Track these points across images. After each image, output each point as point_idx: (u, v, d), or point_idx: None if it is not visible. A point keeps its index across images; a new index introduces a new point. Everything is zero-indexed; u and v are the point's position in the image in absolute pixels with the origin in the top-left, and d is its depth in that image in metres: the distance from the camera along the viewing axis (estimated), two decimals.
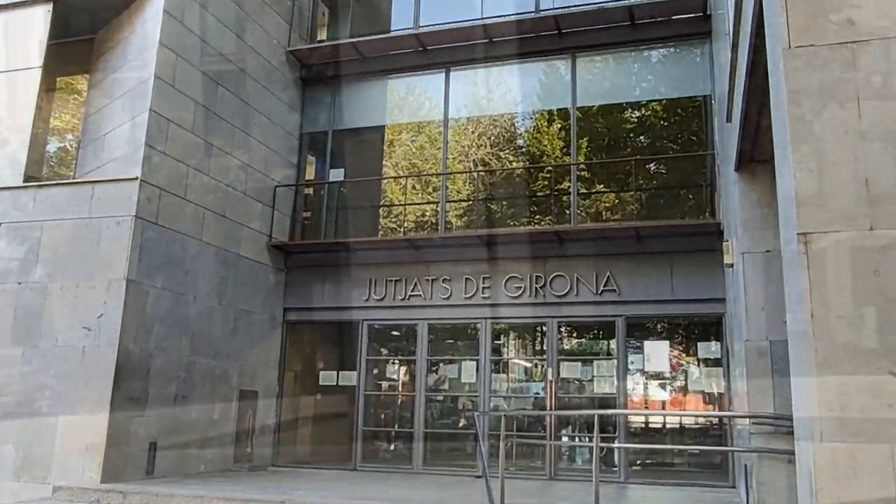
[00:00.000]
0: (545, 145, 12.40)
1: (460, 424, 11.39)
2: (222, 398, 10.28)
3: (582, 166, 11.49)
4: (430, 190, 12.99)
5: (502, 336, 12.02)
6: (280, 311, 11.80)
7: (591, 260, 10.48)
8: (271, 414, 11.35)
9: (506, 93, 12.38)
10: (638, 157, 11.52)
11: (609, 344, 10.83)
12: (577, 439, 11.13)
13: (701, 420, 10.46)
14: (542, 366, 11.02)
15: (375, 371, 11.93)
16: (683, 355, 11.14)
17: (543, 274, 10.67)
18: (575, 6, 11.26)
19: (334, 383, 11.69)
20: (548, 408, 10.39)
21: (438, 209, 12.01)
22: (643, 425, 11.13)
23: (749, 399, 6.01)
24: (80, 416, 8.39)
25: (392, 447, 11.78)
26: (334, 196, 12.66)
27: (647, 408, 10.95)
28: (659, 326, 11.25)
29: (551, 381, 10.41)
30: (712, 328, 10.36)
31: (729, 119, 7.03)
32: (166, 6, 9.61)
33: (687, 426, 10.79)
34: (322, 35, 13.33)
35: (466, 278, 11.01)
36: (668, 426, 11.09)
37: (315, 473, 10.51)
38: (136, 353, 8.78)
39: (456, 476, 10.30)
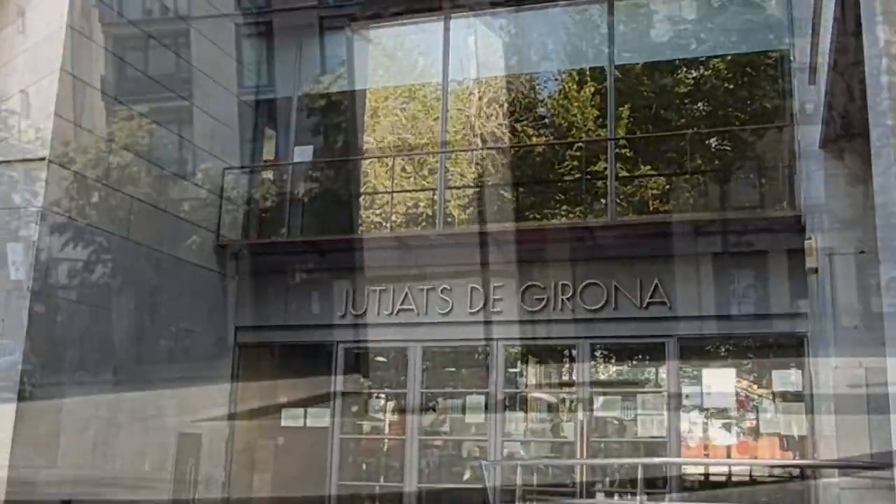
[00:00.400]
0: (574, 115, 12.37)
1: (465, 477, 11.37)
2: (156, 444, 10.26)
3: (622, 142, 11.46)
4: (426, 173, 12.97)
5: (519, 362, 11.99)
6: (230, 330, 11.77)
7: (633, 263, 10.45)
8: (219, 463, 11.33)
9: (523, 47, 12.36)
10: (695, 129, 11.49)
11: (657, 372, 10.80)
12: (615, 496, 11.10)
13: (776, 470, 10.43)
14: (571, 401, 10.99)
15: (354, 408, 11.91)
16: (754, 387, 11.11)
17: (571, 282, 10.63)
18: None
19: (301, 424, 11.66)
20: (578, 455, 10.37)
21: (436, 198, 11.99)
22: (702, 477, 11.10)
23: (839, 443, 6.00)
24: None
25: None
26: (300, 181, 12.63)
27: (706, 455, 10.92)
28: (722, 349, 11.22)
29: (582, 421, 10.38)
30: (791, 352, 10.32)
31: (812, 81, 7.01)
32: None
33: (758, 478, 10.76)
34: None
35: (472, 287, 10.99)
36: (734, 478, 11.06)
37: None
38: (44, 386, 8.75)
39: None
